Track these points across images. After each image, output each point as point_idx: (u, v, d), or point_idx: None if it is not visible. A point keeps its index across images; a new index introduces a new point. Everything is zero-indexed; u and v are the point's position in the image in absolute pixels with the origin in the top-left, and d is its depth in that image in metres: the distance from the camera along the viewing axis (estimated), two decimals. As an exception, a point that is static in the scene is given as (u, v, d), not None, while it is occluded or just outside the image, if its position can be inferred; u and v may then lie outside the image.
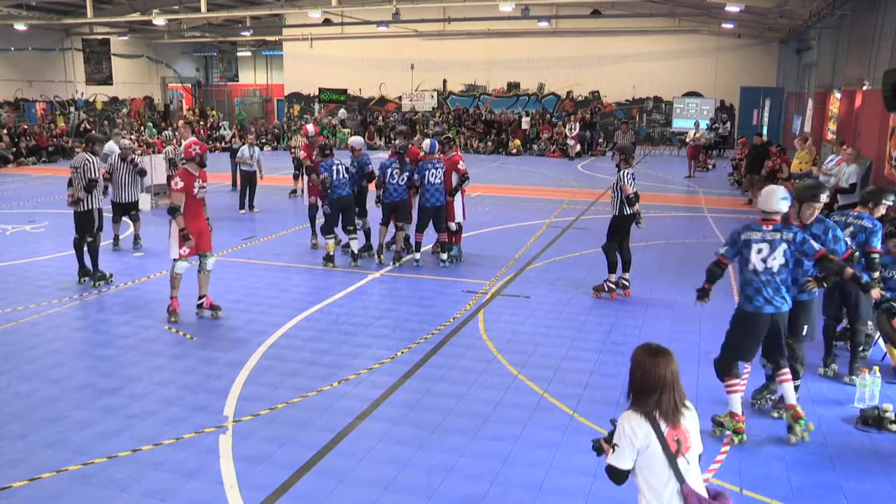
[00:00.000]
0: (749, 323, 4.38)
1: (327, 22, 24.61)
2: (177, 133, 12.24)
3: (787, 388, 4.45)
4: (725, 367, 4.47)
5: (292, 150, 14.74)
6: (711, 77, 24.93)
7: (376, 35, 26.31)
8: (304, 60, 29.29)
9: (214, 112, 31.11)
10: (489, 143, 25.19)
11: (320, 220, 9.30)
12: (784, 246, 4.28)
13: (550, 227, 11.12)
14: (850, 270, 4.27)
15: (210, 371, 5.42)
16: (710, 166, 19.57)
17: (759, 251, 4.30)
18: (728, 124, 23.88)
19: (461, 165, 8.46)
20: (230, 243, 9.99)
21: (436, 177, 8.21)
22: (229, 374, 5.36)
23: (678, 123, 24.73)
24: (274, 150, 26.33)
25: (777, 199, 4.31)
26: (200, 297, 6.69)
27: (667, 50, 25.16)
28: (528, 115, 25.95)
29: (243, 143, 13.09)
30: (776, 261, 4.28)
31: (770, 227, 4.31)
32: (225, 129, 27.71)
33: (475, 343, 6.04)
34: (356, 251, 8.62)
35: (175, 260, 6.52)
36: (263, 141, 26.61)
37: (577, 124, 24.31)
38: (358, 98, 29.23)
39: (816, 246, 4.28)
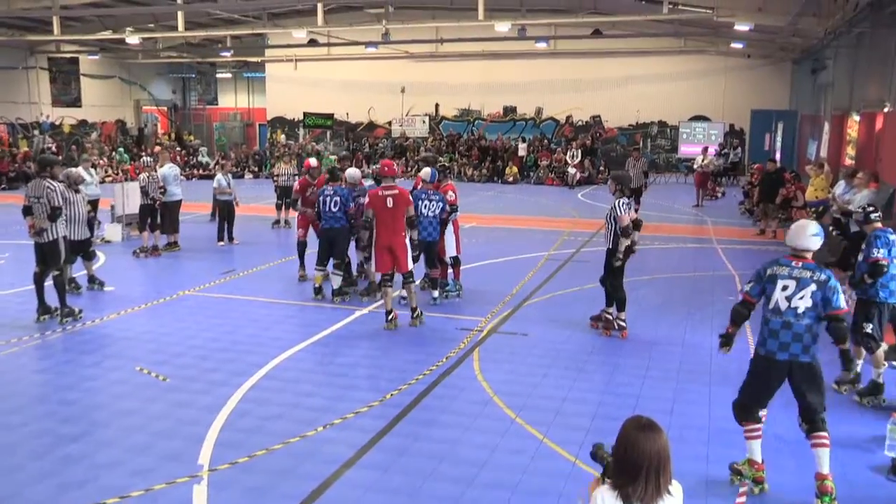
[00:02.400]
0: (759, 367, 4.34)
1: (312, 42, 25.00)
2: (155, 159, 12.33)
3: (822, 456, 4.25)
4: (742, 412, 4.47)
5: (275, 178, 14.87)
6: (720, 99, 25.29)
7: (365, 56, 26.75)
8: (288, 83, 29.62)
9: (192, 137, 31.39)
10: (484, 171, 25.45)
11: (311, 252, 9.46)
12: (813, 287, 4.19)
13: (549, 260, 11.23)
14: (847, 345, 4.29)
15: (184, 416, 5.41)
16: (719, 194, 19.80)
17: (785, 288, 4.24)
18: (738, 149, 24.16)
19: (450, 196, 8.57)
20: (208, 277, 10.04)
21: (430, 208, 8.28)
22: (205, 418, 5.34)
23: (685, 149, 25.12)
24: (255, 178, 26.65)
25: (808, 234, 4.25)
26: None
27: (672, 71, 25.57)
28: (525, 140, 26.33)
29: (220, 171, 13.20)
30: (802, 301, 4.19)
31: (800, 265, 4.25)
32: (203, 154, 27.93)
33: (470, 384, 6.06)
34: (337, 287, 8.71)
35: None
36: (245, 168, 26.85)
37: (578, 151, 24.66)
38: (345, 123, 29.56)
39: (842, 303, 4.19)
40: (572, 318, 7.98)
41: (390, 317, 7.71)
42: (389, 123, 28.97)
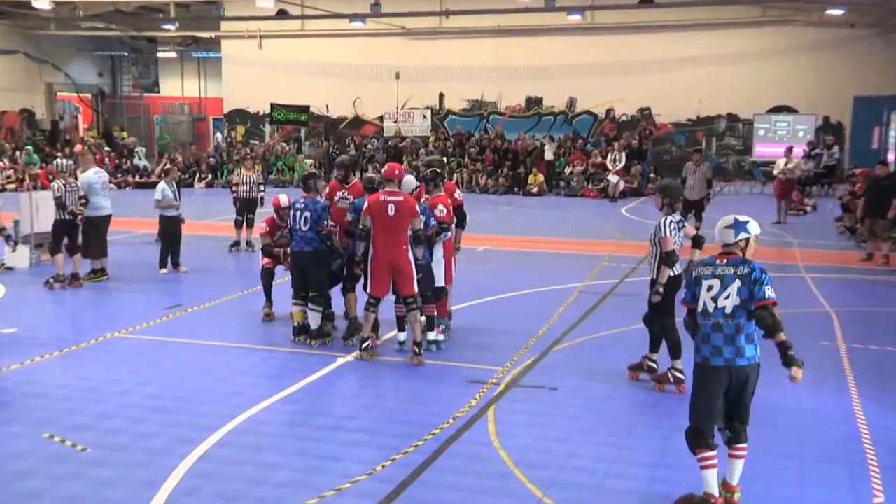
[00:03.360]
0: (698, 378, 5.11)
1: (282, 14, 25.35)
2: (75, 162, 12.46)
3: (737, 468, 5.14)
4: (693, 437, 5.12)
5: (234, 187, 15.04)
6: (810, 85, 24.83)
7: (349, 33, 27.16)
8: (251, 66, 30.09)
9: (125, 134, 31.69)
10: (501, 180, 25.74)
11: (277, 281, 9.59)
12: (738, 283, 4.99)
13: (585, 293, 11.33)
14: (782, 336, 4.94)
15: (112, 497, 5.36)
16: (808, 208, 19.93)
17: (710, 288, 5.04)
18: (835, 149, 23.69)
19: (440, 210, 8.66)
20: (146, 315, 10.12)
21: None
22: (139, 499, 5.34)
23: (762, 150, 25.18)
24: (209, 188, 26.94)
25: (721, 227, 5.20)
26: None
27: (746, 50, 25.48)
28: (553, 140, 26.62)
29: (163, 179, 13.32)
30: (729, 300, 4.99)
31: (724, 262, 5.09)
32: (140, 157, 28.23)
33: (483, 453, 6.09)
34: (315, 326, 8.84)
35: None
36: (195, 174, 27.12)
37: (622, 153, 24.86)
38: (324, 118, 29.89)
39: (768, 293, 4.96)
40: (614, 367, 8.00)
41: (365, 345, 8.19)
42: (381, 119, 29.24)
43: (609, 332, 9.34)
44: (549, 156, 26.01)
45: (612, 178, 24.15)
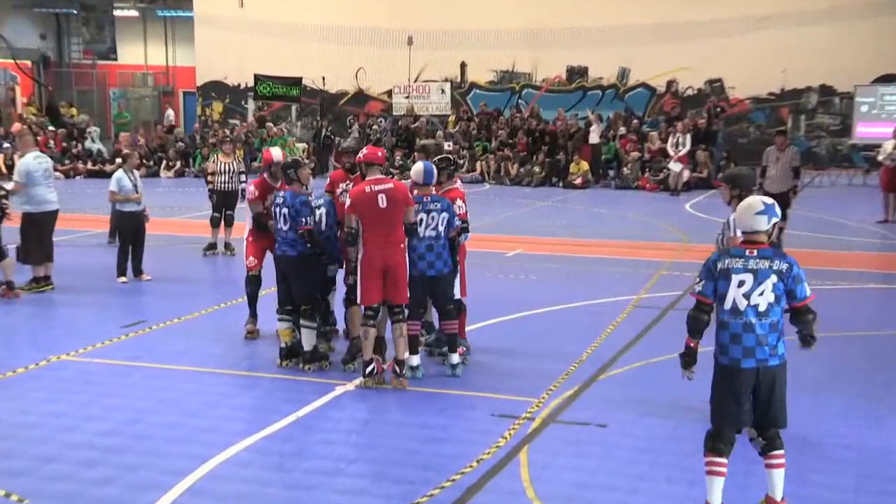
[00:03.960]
0: (724, 381, 5.62)
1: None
2: (12, 143, 12.57)
3: (777, 479, 5.67)
4: (710, 439, 5.70)
5: (209, 177, 15.09)
6: None
7: (349, -13, 27.26)
8: (230, 28, 30.38)
9: (74, 110, 31.81)
10: (536, 168, 25.83)
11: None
12: (774, 278, 5.44)
13: (640, 309, 11.37)
14: (812, 347, 5.62)
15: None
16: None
17: (742, 284, 5.46)
18: None
19: (458, 206, 8.76)
20: (100, 333, 10.14)
21: (431, 224, 8.55)
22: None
23: (865, 130, 24.90)
24: (178, 178, 27.06)
25: (753, 213, 5.57)
26: None
27: (842, 4, 25.19)
28: (601, 120, 26.59)
29: (121, 167, 13.40)
30: (763, 297, 5.44)
31: (755, 253, 5.50)
32: (93, 139, 28.43)
33: (516, 503, 6.07)
34: (307, 347, 8.87)
35: None
36: (161, 162, 27.28)
37: (686, 135, 24.78)
38: (320, 93, 30.02)
39: (808, 291, 5.51)
40: (676, 398, 7.93)
41: (369, 369, 8.32)
42: (389, 94, 29.30)
43: (670, 356, 9.21)
44: (595, 139, 25.98)
45: (674, 167, 24.10)
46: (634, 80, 28.02)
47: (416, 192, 8.58)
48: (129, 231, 12.87)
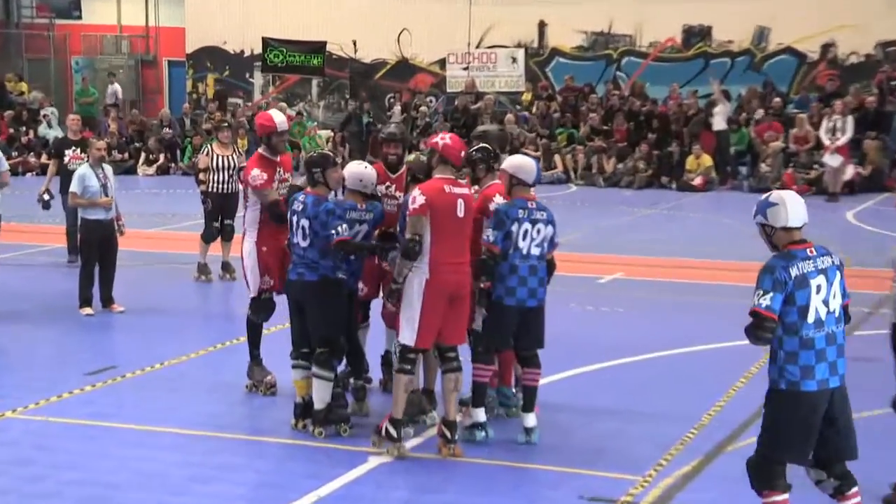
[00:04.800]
0: (805, 408, 6.05)
1: None
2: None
3: None
4: (764, 474, 6.12)
5: (201, 175, 15.06)
6: None
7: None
8: (230, -21, 30.85)
9: (25, 86, 32.18)
10: (641, 164, 25.83)
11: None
12: (839, 275, 6.17)
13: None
14: None
15: None
16: None
17: (819, 289, 6.05)
18: None
19: (496, 202, 8.77)
20: (60, 383, 10.20)
21: (537, 240, 8.63)
22: None
23: None
24: (162, 175, 27.38)
25: (798, 205, 6.32)
26: None
27: None
28: (728, 99, 26.40)
29: (85, 161, 13.61)
30: (836, 300, 6.11)
31: (814, 252, 6.15)
32: (49, 123, 28.73)
33: None
34: (320, 405, 8.79)
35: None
36: (139, 154, 27.54)
37: (848, 119, 24.59)
38: (350, 63, 30.37)
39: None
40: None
41: (392, 430, 8.31)
42: (442, 65, 29.41)
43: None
44: (720, 124, 25.84)
45: (832, 161, 23.86)
46: (776, 44, 27.75)
47: (515, 194, 8.65)
48: (95, 246, 12.97)
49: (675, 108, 26.65)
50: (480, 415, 8.66)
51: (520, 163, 8.80)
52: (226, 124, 16.38)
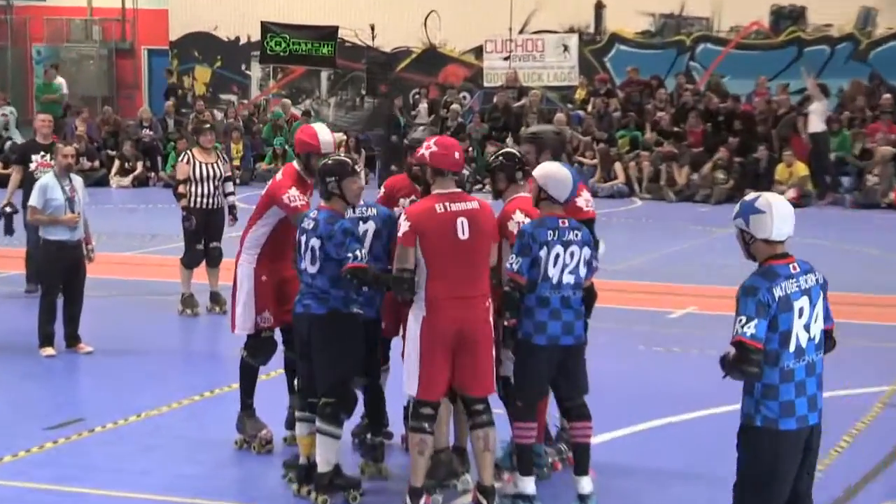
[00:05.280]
0: (779, 448, 6.23)
1: None
2: None
3: None
4: None
5: (179, 188, 14.95)
6: None
7: None
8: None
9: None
10: (720, 174, 25.77)
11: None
12: (821, 295, 6.37)
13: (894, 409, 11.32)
14: None
15: None
16: None
17: (801, 313, 6.22)
18: None
19: (516, 220, 8.70)
20: (16, 438, 10.14)
21: (571, 265, 8.49)
22: None
23: None
24: (141, 187, 27.53)
25: (784, 215, 6.35)
26: None
27: None
28: (827, 94, 26.28)
29: (51, 169, 13.50)
30: (817, 324, 6.32)
31: (797, 268, 6.34)
32: (7, 125, 28.87)
33: None
34: (325, 467, 8.67)
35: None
36: (113, 161, 27.58)
37: None
38: (366, 51, 30.49)
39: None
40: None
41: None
42: (479, 54, 29.46)
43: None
44: (817, 125, 25.64)
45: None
46: (884, 29, 27.71)
47: (544, 210, 8.55)
48: (58, 274, 12.95)
49: (761, 105, 26.54)
50: (529, 485, 8.50)
51: (552, 172, 8.57)
52: (207, 125, 16.14)
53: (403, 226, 8.13)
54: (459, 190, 8.32)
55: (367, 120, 28.68)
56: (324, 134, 9.63)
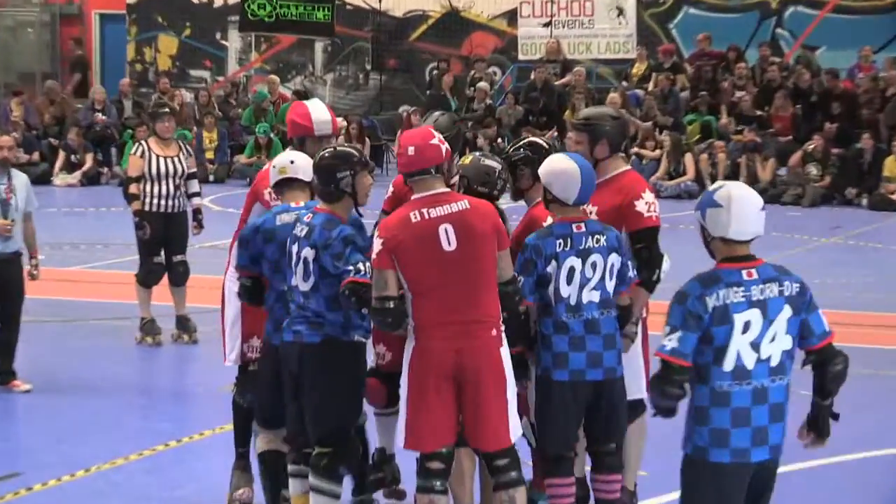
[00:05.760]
0: (712, 481, 6.45)
1: None
2: None
3: None
4: None
5: (131, 187, 14.99)
6: None
7: None
8: None
9: None
10: (814, 169, 25.84)
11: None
12: (788, 311, 6.44)
13: None
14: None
15: None
16: None
17: (747, 328, 6.34)
18: None
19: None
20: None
21: (593, 280, 8.57)
22: None
23: None
24: (91, 186, 28.01)
25: (756, 209, 6.55)
26: None
27: None
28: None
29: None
30: (776, 344, 6.42)
31: (756, 274, 6.44)
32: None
33: None
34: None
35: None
36: (57, 154, 27.62)
37: None
38: (371, 16, 30.78)
39: (827, 325, 6.58)
40: None
41: None
42: (511, 20, 29.57)
43: None
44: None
45: None
46: None
47: (557, 216, 8.63)
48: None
49: (865, 83, 26.57)
50: None
51: (555, 167, 8.55)
52: (166, 110, 15.93)
53: (375, 245, 8.17)
54: (445, 190, 8.27)
55: (373, 101, 28.50)
56: (318, 112, 9.64)
